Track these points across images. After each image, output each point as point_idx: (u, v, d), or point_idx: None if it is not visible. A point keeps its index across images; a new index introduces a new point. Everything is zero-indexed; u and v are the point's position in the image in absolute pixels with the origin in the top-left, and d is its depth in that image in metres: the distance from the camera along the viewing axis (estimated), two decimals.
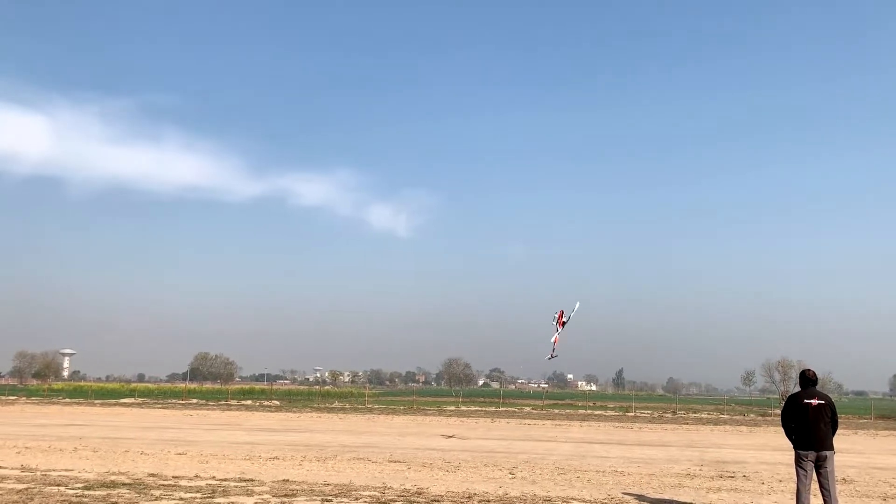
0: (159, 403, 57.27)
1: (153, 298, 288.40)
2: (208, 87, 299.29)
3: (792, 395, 10.13)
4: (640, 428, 34.91)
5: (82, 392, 78.01)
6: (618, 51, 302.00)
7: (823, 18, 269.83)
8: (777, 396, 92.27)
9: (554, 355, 24.83)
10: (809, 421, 9.66)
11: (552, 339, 23.87)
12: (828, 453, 9.58)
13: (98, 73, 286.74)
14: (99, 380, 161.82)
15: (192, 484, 12.17)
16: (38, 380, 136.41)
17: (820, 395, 9.79)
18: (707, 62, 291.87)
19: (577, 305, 23.84)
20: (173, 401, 62.28)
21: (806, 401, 9.74)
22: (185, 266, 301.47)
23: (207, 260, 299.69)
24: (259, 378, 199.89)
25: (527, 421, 38.71)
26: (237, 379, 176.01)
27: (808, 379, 9.97)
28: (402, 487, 12.34)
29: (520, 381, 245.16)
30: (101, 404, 54.36)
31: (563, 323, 24.07)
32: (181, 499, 10.55)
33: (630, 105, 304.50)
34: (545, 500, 11.22)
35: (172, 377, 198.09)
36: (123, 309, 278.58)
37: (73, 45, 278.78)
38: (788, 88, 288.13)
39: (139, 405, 53.66)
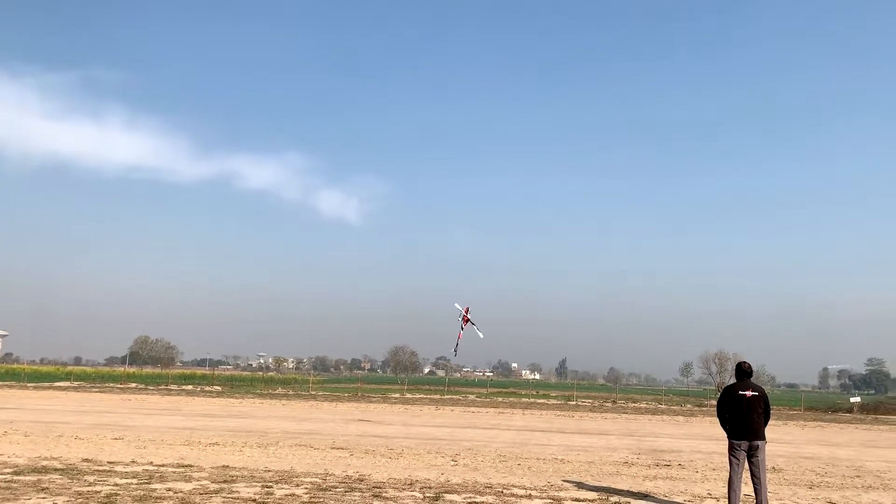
0: (96, 387, 55.81)
1: (92, 279, 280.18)
2: (154, 63, 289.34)
3: (727, 386, 10.43)
4: (581, 416, 35.56)
5: (14, 375, 75.27)
6: (587, 40, 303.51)
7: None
8: (713, 388, 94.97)
9: (456, 351, 27.51)
10: (743, 412, 9.97)
11: (458, 336, 26.47)
12: (760, 443, 9.91)
13: (36, 45, 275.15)
14: (33, 362, 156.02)
15: (128, 469, 11.91)
16: None
17: (754, 387, 10.11)
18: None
19: (456, 305, 26.88)
20: (111, 385, 60.76)
21: (741, 392, 10.05)
22: (125, 247, 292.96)
23: (149, 242, 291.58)
24: (201, 363, 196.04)
25: (471, 409, 39.04)
26: (178, 363, 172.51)
27: (743, 371, 10.29)
28: (345, 474, 12.31)
29: (465, 370, 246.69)
30: (35, 388, 52.67)
31: (468, 320, 26.24)
32: (116, 485, 10.30)
33: (595, 95, 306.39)
34: (486, 487, 11.33)
35: (111, 361, 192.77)
36: (60, 289, 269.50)
37: (8, 15, 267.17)
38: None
39: (75, 389, 52.20)
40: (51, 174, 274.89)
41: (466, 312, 26.85)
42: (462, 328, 26.67)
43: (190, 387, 61.01)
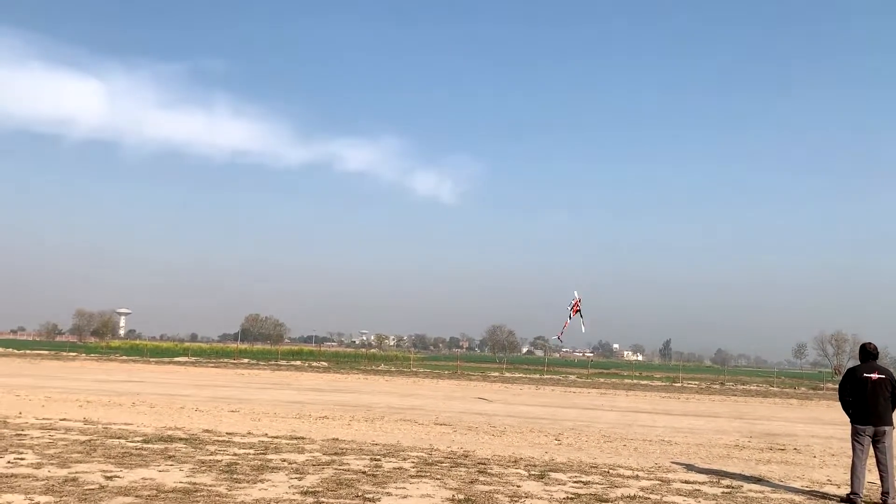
0: (211, 362, 58.90)
1: (205, 260, 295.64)
2: (255, 53, 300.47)
3: (850, 368, 9.91)
4: (687, 398, 34.60)
5: (138, 350, 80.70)
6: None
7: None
8: (829, 370, 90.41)
9: (561, 338, 26.81)
10: (868, 395, 9.44)
11: (564, 323, 25.78)
12: (886, 429, 9.36)
13: (149, 37, 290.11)
14: (153, 339, 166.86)
15: (245, 440, 12.52)
16: (96, 337, 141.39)
17: (880, 370, 9.56)
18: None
19: (574, 293, 25.98)
20: (225, 360, 63.97)
21: (865, 374, 9.52)
22: (236, 229, 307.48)
23: (257, 223, 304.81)
24: (307, 340, 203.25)
25: (572, 389, 38.72)
26: (286, 340, 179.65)
27: (868, 352, 9.73)
28: (449, 449, 12.48)
29: (564, 350, 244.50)
30: (156, 362, 56.22)
31: (578, 311, 25.48)
32: (235, 454, 10.85)
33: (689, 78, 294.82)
34: (591, 467, 11.22)
35: (224, 337, 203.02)
36: (177, 270, 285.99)
37: (124, 8, 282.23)
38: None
39: (192, 364, 55.29)
40: (166, 160, 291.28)
41: (578, 303, 26.27)
42: (570, 317, 26.16)
43: (298, 362, 63.43)
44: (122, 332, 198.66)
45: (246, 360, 63.90)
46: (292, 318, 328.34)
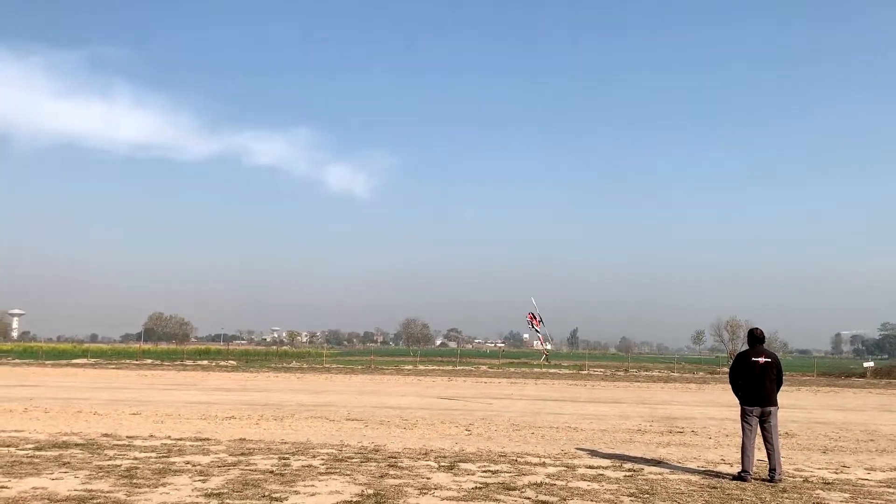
0: (113, 364, 56.40)
1: (105, 258, 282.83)
2: (158, 40, 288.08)
3: (740, 353, 10.43)
4: (593, 386, 35.68)
5: (32, 353, 76.25)
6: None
7: None
8: (725, 355, 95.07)
9: (546, 354, 27.36)
10: (756, 378, 9.98)
11: (539, 341, 26.30)
12: (772, 409, 9.94)
13: (41, 23, 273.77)
14: (50, 340, 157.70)
15: (147, 444, 12.08)
16: None
17: (767, 354, 10.12)
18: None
19: (532, 300, 26.37)
20: (127, 361, 61.35)
21: (753, 359, 10.06)
22: (137, 225, 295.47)
23: (161, 219, 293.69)
24: (215, 338, 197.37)
25: (483, 379, 39.24)
26: (193, 339, 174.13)
27: (756, 337, 10.29)
28: (360, 445, 12.44)
29: (476, 341, 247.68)
30: (53, 365, 53.31)
31: (539, 321, 26.07)
32: (136, 458, 10.46)
33: (605, 72, 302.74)
34: (500, 456, 11.43)
35: (126, 337, 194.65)
36: (75, 268, 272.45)
37: None
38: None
39: (92, 365, 52.78)
40: (60, 153, 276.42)
41: (532, 316, 26.87)
42: (538, 330, 26.77)
43: (205, 362, 61.56)
44: (14, 333, 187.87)
45: (149, 361, 61.48)
46: (199, 316, 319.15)
